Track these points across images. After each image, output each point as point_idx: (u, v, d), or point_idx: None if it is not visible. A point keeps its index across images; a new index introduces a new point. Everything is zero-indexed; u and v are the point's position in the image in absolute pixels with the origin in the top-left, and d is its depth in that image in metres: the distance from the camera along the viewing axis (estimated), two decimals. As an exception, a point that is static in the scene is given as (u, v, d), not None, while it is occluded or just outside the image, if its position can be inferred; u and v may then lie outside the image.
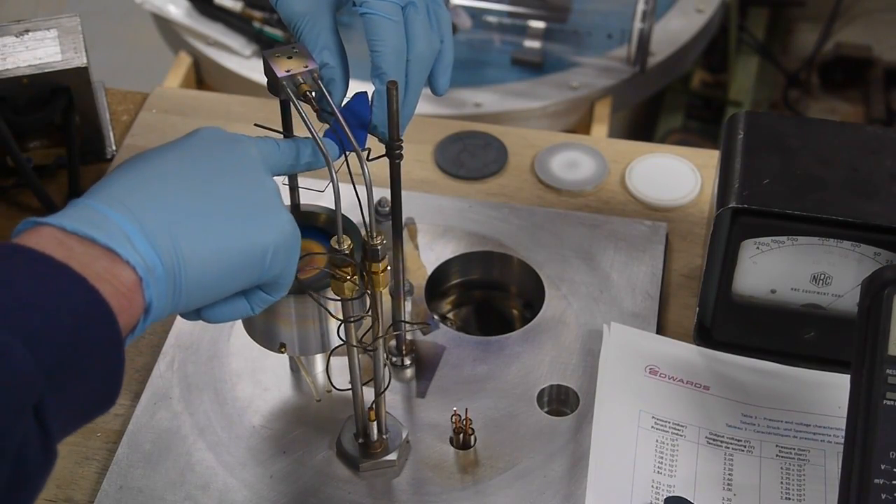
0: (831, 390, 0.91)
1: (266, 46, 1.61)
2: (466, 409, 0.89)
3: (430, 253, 1.02)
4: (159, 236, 0.63)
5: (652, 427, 0.89)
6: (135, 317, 0.63)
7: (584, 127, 1.67)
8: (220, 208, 0.67)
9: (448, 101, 1.62)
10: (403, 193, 0.83)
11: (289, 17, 0.77)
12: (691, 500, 0.85)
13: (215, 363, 0.94)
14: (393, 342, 0.94)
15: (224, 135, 0.71)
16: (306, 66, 0.75)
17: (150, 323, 0.64)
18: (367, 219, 0.75)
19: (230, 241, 0.66)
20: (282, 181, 0.78)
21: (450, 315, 1.04)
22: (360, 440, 0.87)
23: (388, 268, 0.77)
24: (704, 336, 0.95)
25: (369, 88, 0.77)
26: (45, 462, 0.58)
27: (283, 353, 0.83)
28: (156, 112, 1.17)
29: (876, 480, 0.74)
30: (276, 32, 1.69)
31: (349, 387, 0.83)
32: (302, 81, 0.74)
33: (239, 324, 0.88)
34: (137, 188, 0.65)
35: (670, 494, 0.85)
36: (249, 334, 0.84)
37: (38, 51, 1.06)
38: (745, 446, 0.89)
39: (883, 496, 0.73)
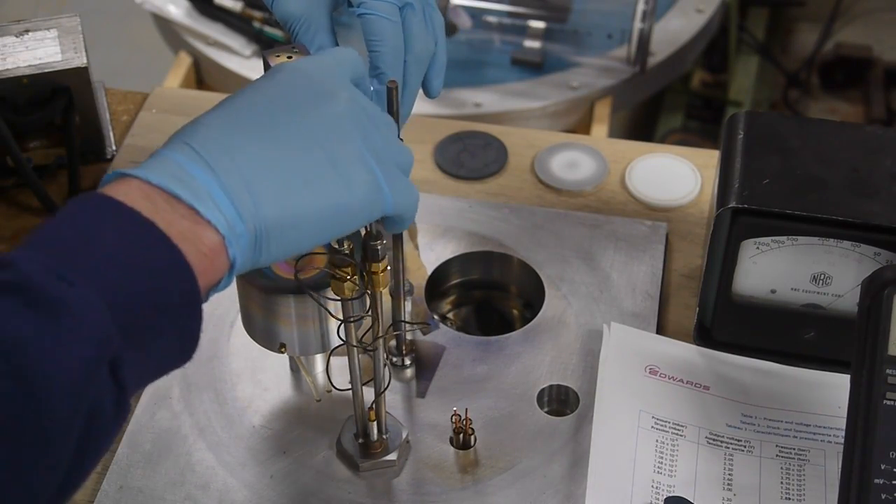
0: (831, 390, 0.91)
1: (266, 46, 1.61)
2: (466, 409, 0.89)
3: (430, 253, 1.02)
4: (240, 196, 0.62)
5: (652, 427, 0.89)
6: (218, 274, 0.62)
7: (584, 127, 1.67)
8: (302, 168, 0.65)
9: (448, 101, 1.62)
10: (403, 193, 0.83)
11: (284, 17, 0.77)
12: (691, 500, 0.85)
13: (215, 363, 0.94)
14: (393, 342, 0.94)
15: (315, 79, 0.68)
16: (306, 66, 0.75)
17: (236, 275, 0.64)
18: (367, 219, 0.75)
19: (312, 206, 0.64)
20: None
21: (450, 315, 1.04)
22: (360, 440, 0.87)
23: (388, 268, 0.77)
24: (704, 336, 0.95)
25: None
26: (117, 416, 0.58)
27: (283, 353, 0.83)
28: (156, 112, 1.17)
29: (876, 480, 0.74)
30: (276, 32, 1.69)
31: (349, 387, 0.83)
32: (302, 81, 0.74)
33: (239, 324, 0.88)
34: (219, 142, 0.63)
35: (670, 494, 0.85)
36: (249, 334, 0.84)
37: (38, 51, 1.05)
38: (745, 446, 0.88)
39: (883, 496, 0.73)
